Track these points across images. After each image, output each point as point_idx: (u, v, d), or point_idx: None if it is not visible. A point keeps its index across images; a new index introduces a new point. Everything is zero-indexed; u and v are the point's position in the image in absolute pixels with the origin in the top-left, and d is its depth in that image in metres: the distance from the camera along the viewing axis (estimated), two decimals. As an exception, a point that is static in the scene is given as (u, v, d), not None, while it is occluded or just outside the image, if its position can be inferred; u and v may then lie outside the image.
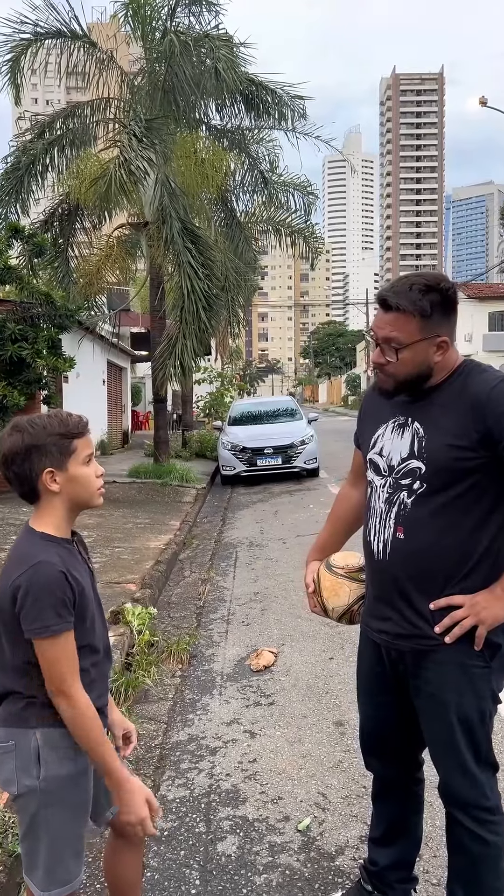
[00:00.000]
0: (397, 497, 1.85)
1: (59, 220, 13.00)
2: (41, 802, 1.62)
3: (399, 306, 1.76)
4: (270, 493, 11.66)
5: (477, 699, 1.82)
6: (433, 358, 1.80)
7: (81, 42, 12.01)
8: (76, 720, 1.59)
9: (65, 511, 1.70)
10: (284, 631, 4.91)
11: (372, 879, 2.18)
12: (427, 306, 1.75)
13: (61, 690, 1.58)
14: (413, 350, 1.78)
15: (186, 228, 11.00)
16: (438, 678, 1.83)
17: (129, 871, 1.97)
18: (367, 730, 2.16)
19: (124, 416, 21.48)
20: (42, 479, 1.64)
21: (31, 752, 1.62)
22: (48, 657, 1.57)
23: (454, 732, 1.83)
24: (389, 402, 1.93)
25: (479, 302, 36.93)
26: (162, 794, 2.98)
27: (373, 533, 1.93)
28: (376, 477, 1.94)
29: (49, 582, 1.57)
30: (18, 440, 1.62)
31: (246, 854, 2.57)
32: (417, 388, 1.85)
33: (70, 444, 1.66)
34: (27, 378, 9.96)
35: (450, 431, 1.77)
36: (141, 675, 4.05)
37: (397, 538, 1.85)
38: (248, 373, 70.86)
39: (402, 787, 2.14)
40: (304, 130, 13.56)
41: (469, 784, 1.84)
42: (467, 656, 1.80)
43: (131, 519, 8.80)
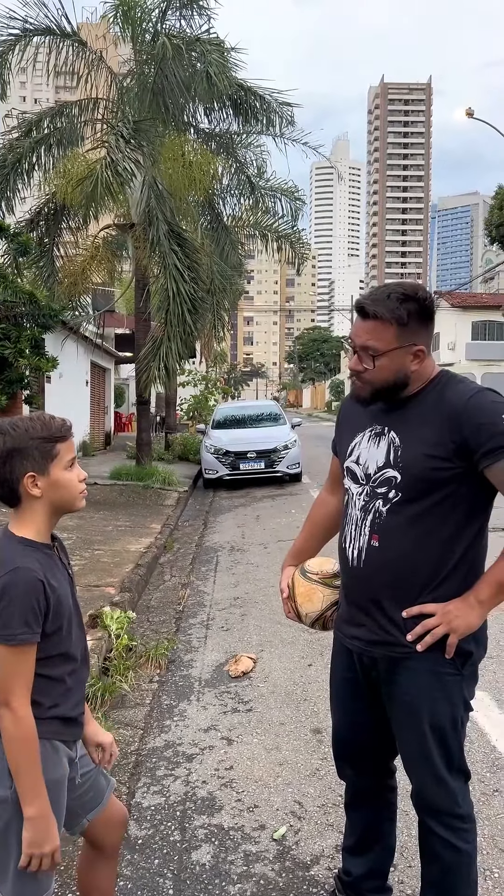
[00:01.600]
0: (373, 505, 1.86)
1: (45, 219, 12.93)
2: (14, 813, 1.58)
3: (377, 314, 1.78)
4: (253, 498, 11.64)
5: (449, 707, 1.83)
6: (410, 366, 1.82)
7: (71, 41, 11.95)
8: (17, 738, 1.53)
9: (46, 515, 1.66)
10: (264, 637, 4.89)
11: (346, 890, 2.17)
12: (404, 315, 1.77)
13: (7, 703, 1.53)
14: (390, 358, 1.79)
15: (173, 231, 10.98)
16: (411, 686, 1.84)
17: (102, 881, 1.94)
18: (339, 736, 2.15)
19: (107, 418, 21.38)
20: (23, 484, 1.60)
21: (4, 764, 1.58)
22: (2, 665, 1.53)
23: (427, 740, 1.83)
24: (367, 411, 1.94)
25: (462, 311, 37.26)
26: (137, 802, 2.95)
27: (348, 540, 1.93)
28: (353, 485, 1.94)
29: (25, 589, 1.54)
30: (0, 444, 1.59)
31: (220, 863, 2.54)
32: (394, 395, 1.86)
33: (53, 449, 1.63)
34: (9, 378, 9.88)
35: (426, 441, 1.78)
36: (118, 679, 4.01)
37: (372, 546, 1.86)
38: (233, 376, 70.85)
39: (374, 794, 2.14)
40: (292, 136, 13.62)
41: (442, 792, 1.85)
42: (439, 664, 1.81)
43: (112, 521, 8.74)
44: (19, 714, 1.53)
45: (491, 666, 4.16)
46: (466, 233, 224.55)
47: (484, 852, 2.55)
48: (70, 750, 1.69)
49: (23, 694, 1.54)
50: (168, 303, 10.52)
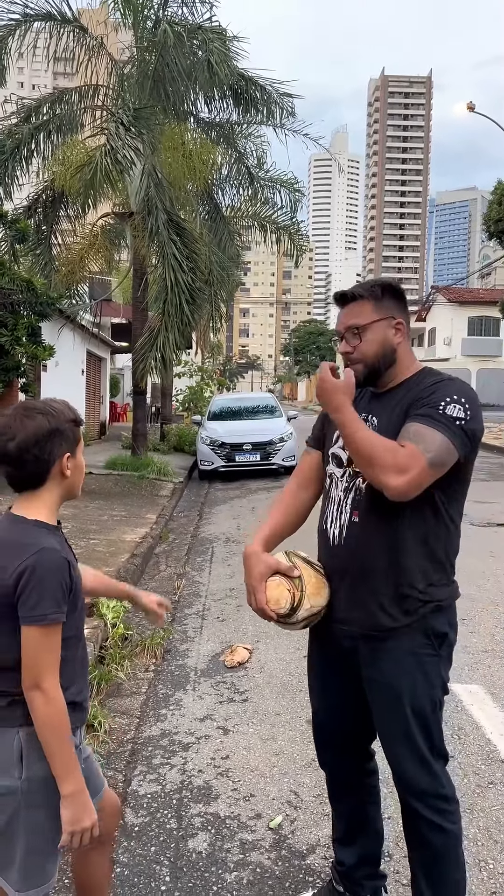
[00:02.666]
0: (354, 483, 1.94)
1: (43, 206, 12.84)
2: (21, 802, 1.58)
3: (353, 294, 1.96)
4: (248, 490, 11.64)
5: (429, 687, 1.88)
6: (393, 339, 1.94)
7: (72, 27, 11.84)
8: (49, 718, 1.54)
9: (59, 499, 1.70)
10: (259, 628, 4.89)
11: (342, 880, 2.19)
12: (378, 291, 1.95)
13: (39, 684, 1.53)
14: (373, 330, 1.93)
15: (172, 220, 10.92)
16: (391, 667, 1.88)
17: (97, 869, 1.94)
18: (319, 721, 2.19)
19: (102, 407, 21.32)
20: (61, 464, 1.64)
21: (14, 752, 1.57)
22: (35, 646, 1.53)
23: (409, 722, 1.87)
24: (355, 404, 1.98)
25: (459, 306, 37.29)
26: (133, 790, 2.96)
27: (329, 520, 2.00)
28: (337, 469, 2.02)
29: (54, 569, 1.55)
30: (44, 423, 1.61)
31: (217, 851, 2.55)
32: (384, 374, 1.96)
33: (78, 431, 1.70)
34: (5, 365, 9.83)
35: (396, 420, 1.88)
36: (114, 668, 4.02)
37: (353, 522, 1.92)
38: (228, 368, 70.75)
39: (356, 779, 2.18)
40: (292, 128, 13.53)
41: (425, 772, 1.89)
42: (418, 645, 1.87)
43: (107, 511, 8.73)
44: (51, 695, 1.54)
45: (486, 660, 4.18)
46: (464, 228, 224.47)
47: (479, 843, 2.57)
48: (74, 737, 1.69)
49: (53, 674, 1.55)
50: (166, 293, 10.48)
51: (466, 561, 2.06)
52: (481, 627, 4.75)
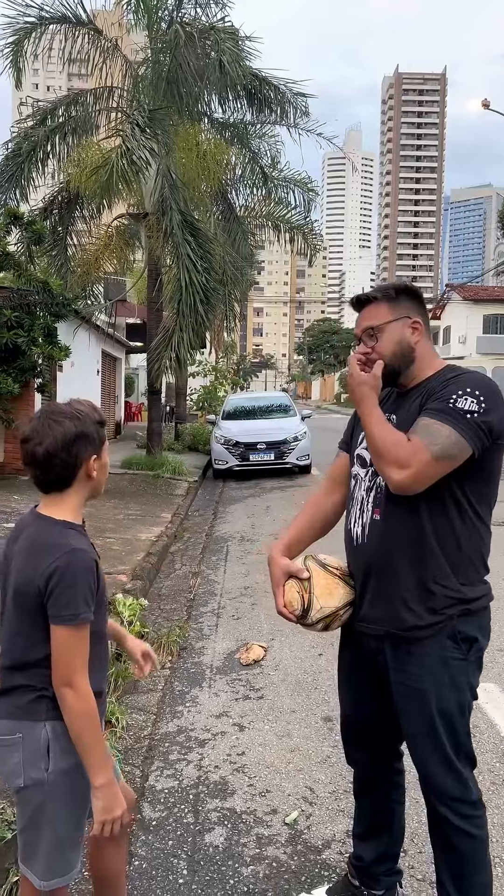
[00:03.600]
0: (375, 482, 1.95)
1: (59, 207, 12.94)
2: (47, 795, 1.63)
3: (368, 297, 1.99)
4: (262, 489, 11.68)
5: (456, 692, 1.86)
6: (410, 338, 1.95)
7: (87, 29, 11.93)
8: (81, 714, 1.58)
9: (84, 499, 1.73)
10: (274, 626, 4.92)
11: (359, 874, 2.21)
12: (392, 292, 1.97)
13: (71, 682, 1.57)
14: (389, 331, 1.94)
15: (186, 220, 10.97)
16: (419, 671, 1.87)
17: (112, 863, 1.97)
18: (347, 720, 2.20)
19: (117, 407, 21.43)
20: (88, 465, 1.68)
21: (41, 745, 1.62)
22: (65, 645, 1.57)
23: (436, 726, 1.86)
24: (382, 404, 2.02)
25: (474, 304, 37.05)
26: (150, 785, 3.00)
27: (353, 519, 2.02)
28: (361, 470, 2.04)
29: (83, 570, 1.59)
30: (70, 427, 1.64)
31: (233, 845, 2.59)
32: (404, 373, 1.97)
33: (104, 432, 1.74)
34: (22, 365, 9.93)
35: (411, 417, 1.88)
36: (131, 665, 4.06)
37: (374, 520, 1.93)
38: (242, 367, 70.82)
39: (383, 778, 2.18)
40: (305, 127, 13.55)
41: (452, 778, 1.87)
42: (447, 649, 1.85)
43: (123, 510, 8.79)
44: (82, 691, 1.58)
45: (501, 658, 4.19)
46: (479, 225, 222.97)
47: (494, 841, 2.58)
48: None
49: (83, 672, 1.59)
50: (181, 293, 10.53)
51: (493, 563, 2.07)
52: (496, 626, 4.74)
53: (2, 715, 1.67)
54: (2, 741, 1.65)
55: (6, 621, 1.68)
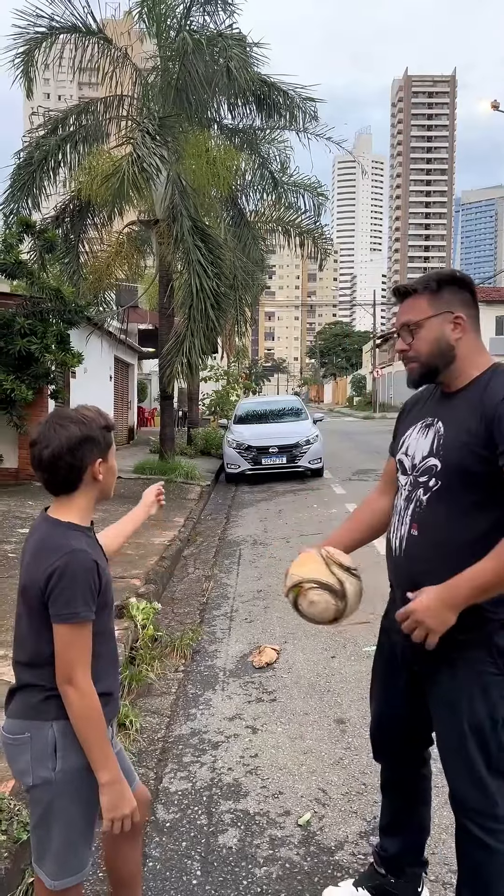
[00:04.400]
0: (415, 494, 1.88)
1: (71, 215, 13.04)
2: (56, 793, 1.65)
3: (409, 289, 1.88)
4: (274, 492, 11.69)
5: (489, 706, 1.81)
6: (451, 335, 1.84)
7: (97, 38, 12.03)
8: (83, 711, 1.61)
9: (92, 502, 1.77)
10: (287, 629, 4.94)
11: (384, 864, 2.23)
12: (434, 284, 1.85)
13: (72, 679, 1.60)
14: (427, 327, 1.84)
15: (196, 226, 11.03)
16: (451, 683, 1.84)
17: (128, 861, 2.00)
18: (377, 725, 2.19)
19: (130, 413, 21.54)
20: (93, 469, 1.71)
21: (48, 744, 1.64)
22: (66, 643, 1.61)
23: (466, 739, 1.83)
24: (425, 406, 1.98)
25: (486, 305, 36.86)
26: (164, 787, 3.02)
27: (393, 530, 1.97)
28: (402, 476, 1.98)
29: (84, 569, 1.62)
30: (76, 431, 1.68)
31: (247, 847, 2.61)
32: (443, 372, 1.86)
33: (110, 437, 1.77)
34: (35, 372, 10.03)
35: (465, 429, 1.77)
36: (144, 669, 4.10)
37: (411, 535, 1.88)
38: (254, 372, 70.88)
39: (408, 782, 2.18)
40: (315, 131, 13.58)
41: (479, 792, 1.83)
42: (481, 662, 1.80)
43: (136, 515, 8.82)
44: (84, 689, 1.61)
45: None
46: (491, 226, 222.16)
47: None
48: (107, 730, 1.76)
49: (85, 670, 1.62)
50: (191, 298, 10.59)
51: None
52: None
53: (12, 714, 1.70)
54: (13, 740, 1.68)
55: (17, 619, 1.72)
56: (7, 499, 9.30)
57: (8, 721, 1.72)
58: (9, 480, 10.65)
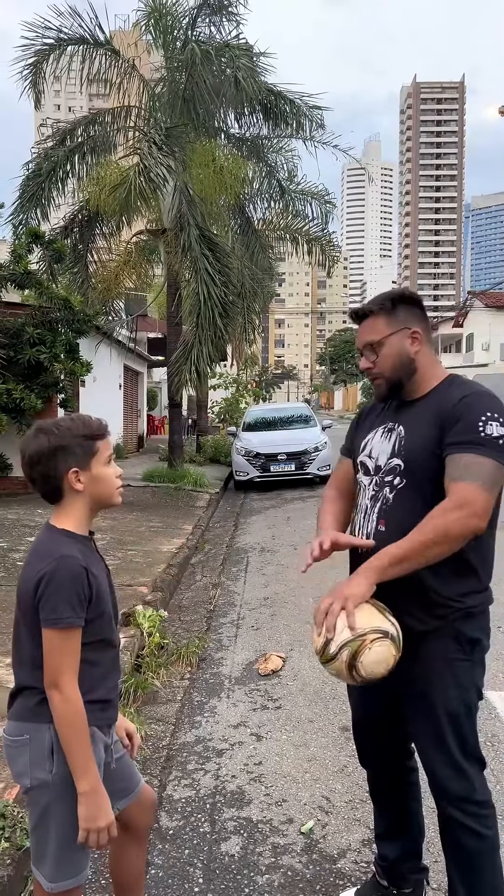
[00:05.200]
0: (381, 493, 1.98)
1: (79, 226, 13.15)
2: (53, 796, 1.66)
3: (365, 311, 2.00)
4: (283, 500, 11.69)
5: (462, 692, 1.89)
6: (410, 349, 1.97)
7: (104, 49, 12.15)
8: (66, 717, 1.62)
9: (86, 510, 1.77)
10: (293, 636, 4.94)
11: (385, 874, 2.24)
12: (389, 304, 1.98)
13: (56, 684, 1.61)
14: (388, 345, 1.97)
15: (204, 235, 11.09)
16: (424, 673, 1.90)
17: (134, 866, 2.01)
18: (357, 723, 2.23)
19: (140, 421, 21.61)
20: (67, 479, 1.71)
21: (45, 747, 1.66)
22: (53, 648, 1.62)
23: (442, 727, 1.89)
24: (383, 412, 2.09)
25: (497, 311, 36.78)
26: (168, 794, 3.02)
27: (357, 528, 2.04)
28: (364, 477, 2.06)
29: (71, 575, 1.63)
30: (44, 441, 1.69)
31: (249, 854, 2.60)
32: (407, 384, 1.99)
33: (93, 445, 1.75)
34: (45, 381, 10.10)
35: (424, 432, 1.91)
36: (150, 676, 4.11)
37: (379, 531, 1.96)
38: (264, 379, 70.94)
39: (396, 777, 2.21)
40: (322, 139, 13.66)
41: (459, 778, 1.89)
42: (450, 650, 1.89)
43: (144, 522, 8.87)
44: (68, 694, 1.62)
45: (521, 667, 4.15)
46: (501, 232, 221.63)
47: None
48: (105, 736, 1.77)
49: (70, 676, 1.63)
50: (199, 307, 10.64)
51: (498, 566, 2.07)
52: (517, 635, 4.71)
53: (12, 716, 1.72)
54: (12, 742, 1.70)
55: (15, 623, 1.75)
56: (17, 507, 9.35)
57: (8, 723, 1.74)
58: (18, 489, 10.70)
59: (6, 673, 3.79)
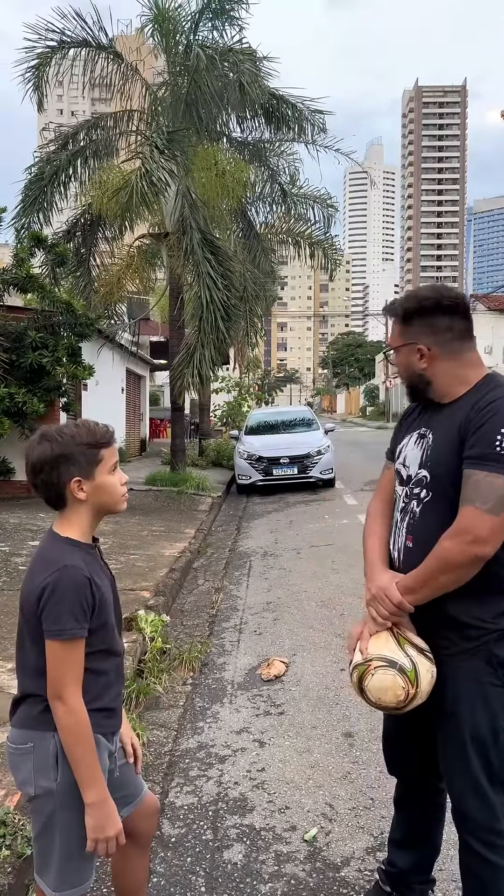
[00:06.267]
0: (409, 507, 1.92)
1: (82, 229, 13.16)
2: (57, 804, 1.64)
3: (390, 312, 1.96)
4: (286, 503, 11.66)
5: (491, 717, 1.81)
6: (417, 364, 1.90)
7: (107, 53, 12.16)
8: (71, 728, 1.60)
9: (90, 517, 1.74)
10: (296, 641, 4.91)
11: (390, 880, 2.20)
12: (400, 312, 1.91)
13: (61, 695, 1.60)
14: (400, 354, 1.94)
15: (206, 239, 11.09)
16: (453, 695, 1.84)
17: (136, 871, 1.99)
18: (388, 740, 2.19)
19: (142, 424, 21.61)
20: (70, 488, 1.68)
21: (50, 755, 1.64)
22: (55, 659, 1.60)
23: (467, 751, 1.82)
24: (420, 415, 2.01)
25: (500, 314, 36.75)
26: (170, 801, 3.00)
27: (392, 541, 2.00)
28: (399, 487, 2.00)
29: (75, 586, 1.61)
30: (47, 449, 1.66)
31: (252, 862, 2.58)
32: (425, 392, 1.93)
33: (97, 454, 1.70)
34: (47, 385, 10.09)
35: (450, 440, 1.81)
36: (152, 682, 4.09)
37: (407, 546, 1.91)
38: (267, 382, 70.93)
39: (422, 796, 2.16)
40: (324, 143, 13.65)
41: (480, 805, 1.82)
42: (482, 673, 1.81)
43: (147, 526, 8.85)
44: (72, 705, 1.60)
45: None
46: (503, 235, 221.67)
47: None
48: (109, 743, 1.75)
49: (74, 686, 1.61)
50: (202, 310, 10.63)
51: None
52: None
53: (16, 724, 1.71)
54: (16, 750, 1.68)
55: (19, 630, 1.72)
56: (19, 511, 9.34)
57: (12, 731, 1.72)
58: (21, 493, 10.70)
59: (9, 678, 3.78)
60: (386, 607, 1.85)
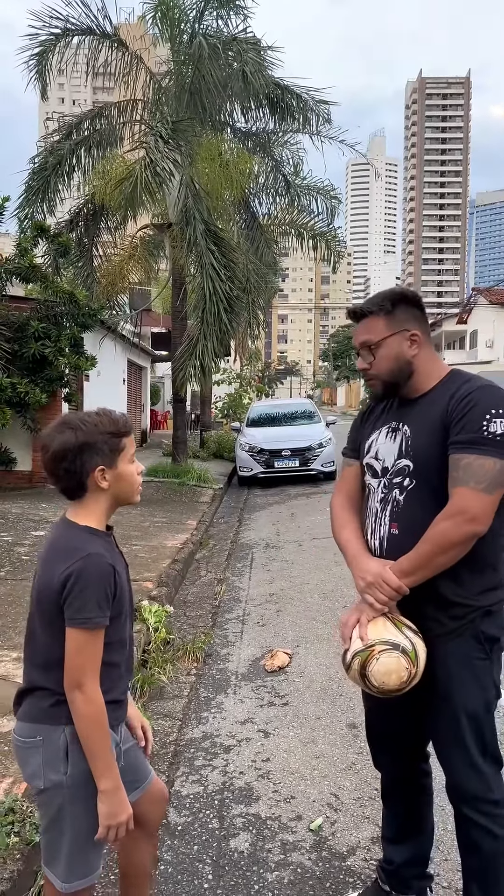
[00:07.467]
0: (391, 496, 1.96)
1: (84, 220, 13.12)
2: (67, 797, 1.65)
3: (364, 310, 1.97)
4: (287, 495, 11.68)
5: (481, 691, 1.89)
6: (408, 352, 1.94)
7: (111, 41, 12.09)
8: (91, 717, 1.60)
9: (107, 507, 1.74)
10: (299, 633, 4.93)
11: (389, 879, 2.22)
12: (388, 305, 1.94)
13: (80, 684, 1.60)
14: (386, 346, 1.94)
15: (209, 230, 11.06)
16: (443, 672, 1.89)
17: (143, 860, 1.99)
18: (371, 724, 2.22)
19: (143, 416, 21.60)
20: (94, 476, 1.68)
21: (60, 748, 1.64)
22: (77, 648, 1.60)
23: (461, 726, 1.88)
24: (385, 411, 2.06)
25: (501, 308, 36.70)
26: (176, 790, 3.02)
27: (370, 532, 2.03)
28: (373, 480, 2.04)
29: (100, 574, 1.61)
30: (71, 437, 1.66)
31: (258, 851, 2.60)
32: (404, 386, 1.97)
33: (119, 443, 1.72)
34: (49, 376, 10.08)
35: (431, 430, 1.88)
36: (157, 672, 4.10)
37: (392, 534, 1.95)
38: (267, 375, 70.82)
39: (410, 779, 2.19)
40: (328, 134, 13.58)
41: (476, 777, 1.89)
42: (469, 649, 1.88)
43: (149, 518, 8.86)
44: (91, 696, 1.60)
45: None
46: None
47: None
48: (115, 734, 1.76)
49: (94, 676, 1.61)
50: (204, 301, 10.61)
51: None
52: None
53: (24, 717, 1.70)
54: (24, 743, 1.69)
55: (29, 620, 1.72)
56: (21, 501, 9.35)
57: (19, 724, 1.72)
58: (23, 483, 10.71)
59: (14, 667, 3.79)
60: (385, 592, 1.87)
